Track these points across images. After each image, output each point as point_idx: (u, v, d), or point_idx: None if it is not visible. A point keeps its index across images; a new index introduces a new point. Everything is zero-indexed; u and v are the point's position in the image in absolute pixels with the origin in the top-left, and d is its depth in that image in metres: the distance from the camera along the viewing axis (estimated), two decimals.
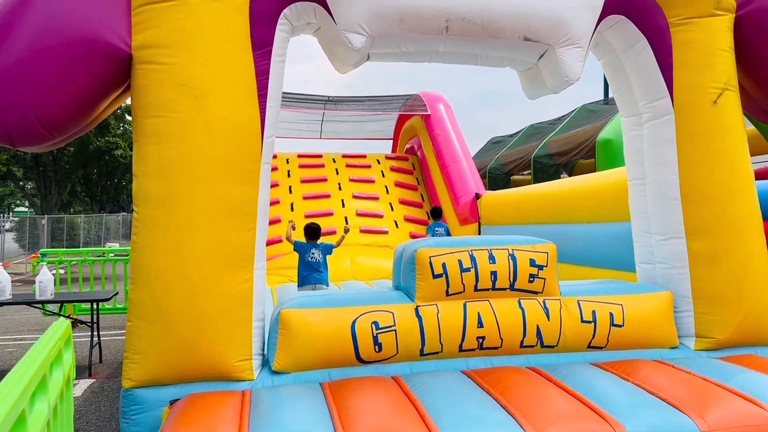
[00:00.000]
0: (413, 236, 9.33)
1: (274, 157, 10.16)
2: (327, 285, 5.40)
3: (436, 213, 8.63)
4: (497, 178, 13.24)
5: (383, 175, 10.51)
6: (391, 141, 12.98)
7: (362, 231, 9.33)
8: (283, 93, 10.78)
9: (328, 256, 5.53)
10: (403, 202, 10.04)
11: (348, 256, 8.33)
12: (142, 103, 3.36)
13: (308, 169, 10.23)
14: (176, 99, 3.33)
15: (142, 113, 3.36)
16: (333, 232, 9.02)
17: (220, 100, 3.38)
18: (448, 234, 8.38)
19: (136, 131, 3.34)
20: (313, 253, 5.39)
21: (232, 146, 3.41)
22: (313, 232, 5.55)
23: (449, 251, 3.67)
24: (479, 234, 8.59)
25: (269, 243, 8.57)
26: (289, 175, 10.06)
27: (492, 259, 3.70)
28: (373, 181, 10.34)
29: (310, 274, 5.36)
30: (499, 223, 8.03)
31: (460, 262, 3.64)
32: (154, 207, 3.30)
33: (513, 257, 3.71)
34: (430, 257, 3.62)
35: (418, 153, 11.33)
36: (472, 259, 3.67)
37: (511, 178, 13.43)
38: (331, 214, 9.34)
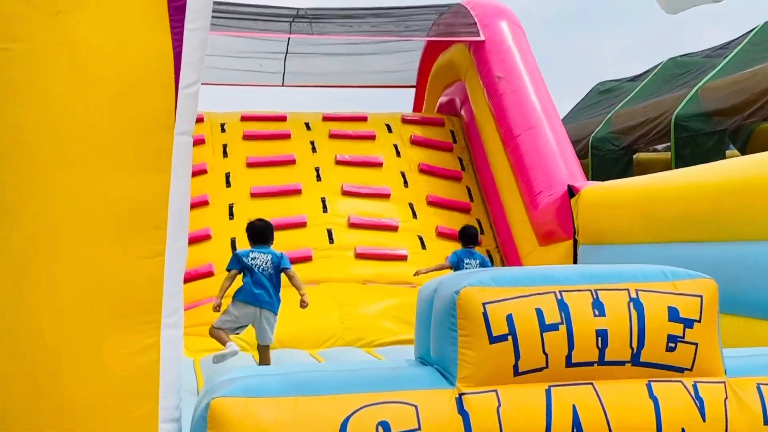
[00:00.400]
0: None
1: (199, 120, 10.23)
2: (275, 314, 6.09)
3: (468, 236, 8.34)
4: (608, 156, 13.17)
5: (398, 153, 10.52)
6: (413, 91, 13.01)
7: (360, 256, 9.33)
8: (217, 3, 10.87)
9: (285, 277, 6.14)
10: (434, 203, 10.05)
11: (335, 303, 8.36)
12: None
13: (261, 143, 10.28)
14: (20, 16, 3.37)
15: None
16: (306, 258, 9.06)
17: (99, 18, 3.43)
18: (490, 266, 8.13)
19: None
20: (254, 259, 6.03)
21: (121, 104, 3.46)
22: (258, 233, 6.13)
23: (520, 293, 3.68)
24: (575, 261, 8.55)
25: (190, 278, 8.58)
26: (226, 154, 10.12)
27: (599, 307, 3.69)
28: (380, 164, 10.36)
29: (251, 289, 5.97)
30: (612, 241, 7.97)
31: (539, 313, 3.65)
32: None
33: (637, 304, 3.70)
34: (484, 304, 3.63)
35: (463, 112, 11.34)
36: (562, 307, 3.67)
37: (635, 156, 13.37)
38: (302, 226, 9.37)
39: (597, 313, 3.69)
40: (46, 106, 3.40)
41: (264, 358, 6.41)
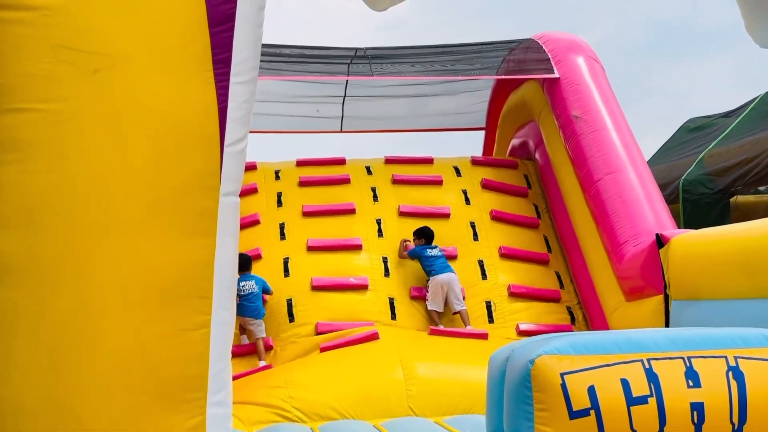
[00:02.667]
0: (526, 332, 9.17)
1: (251, 168, 10.34)
2: (260, 318, 8.53)
3: (427, 236, 9.65)
4: (702, 200, 12.94)
5: (467, 200, 10.44)
6: (482, 134, 13.01)
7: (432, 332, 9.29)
8: (269, 46, 11.02)
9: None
10: (508, 255, 9.94)
11: (398, 360, 8.29)
12: None
13: (318, 189, 10.33)
14: (55, 75, 3.46)
15: None
16: (370, 337, 8.95)
17: (139, 75, 3.50)
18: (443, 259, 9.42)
19: None
20: (243, 286, 8.33)
21: (161, 164, 3.52)
22: (241, 263, 7.37)
23: (602, 362, 3.63)
24: (666, 318, 8.36)
25: (241, 351, 8.61)
26: (280, 203, 10.18)
27: (693, 377, 3.61)
28: (446, 215, 10.30)
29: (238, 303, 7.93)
30: (709, 296, 7.77)
31: (625, 384, 3.58)
32: (13, 286, 3.39)
33: (737, 374, 3.62)
34: (562, 374, 3.59)
35: (537, 156, 11.28)
36: (651, 377, 3.60)
37: (732, 200, 13.11)
38: (363, 288, 9.31)
39: (691, 383, 3.63)
40: (82, 169, 3.45)
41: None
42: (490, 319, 9.42)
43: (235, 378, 8.22)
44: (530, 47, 11.22)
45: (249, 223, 9.77)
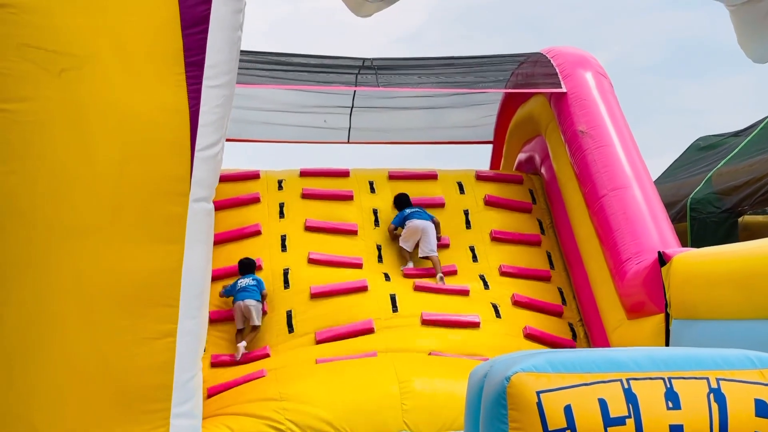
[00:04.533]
0: (533, 336, 9.06)
1: (255, 177, 10.30)
2: (258, 301, 8.46)
3: (401, 202, 9.99)
4: (709, 219, 12.81)
5: (468, 224, 10.30)
6: (489, 148, 12.93)
7: (426, 322, 9.14)
8: (276, 54, 10.96)
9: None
10: (509, 272, 9.82)
11: (394, 375, 8.18)
12: None
13: (321, 203, 10.23)
14: (20, 74, 3.41)
15: None
16: (368, 331, 8.90)
17: (106, 76, 3.46)
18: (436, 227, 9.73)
19: None
20: (243, 281, 8.50)
21: (128, 168, 3.47)
22: (244, 266, 8.56)
23: (580, 380, 3.58)
24: (667, 337, 8.25)
25: (221, 363, 8.55)
26: (282, 214, 10.07)
27: (673, 399, 3.54)
28: (446, 246, 10.21)
29: (238, 293, 8.34)
30: (710, 316, 7.62)
31: (603, 404, 3.52)
32: None
33: (718, 396, 3.54)
34: (538, 393, 3.54)
35: (543, 170, 11.15)
36: (630, 398, 3.54)
37: (740, 220, 12.99)
38: (363, 289, 9.24)
39: (671, 405, 3.56)
40: (45, 171, 3.41)
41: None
42: (497, 315, 9.34)
43: (229, 387, 8.27)
44: (539, 61, 11.15)
45: (251, 233, 9.75)
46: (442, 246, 10.20)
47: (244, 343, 8.36)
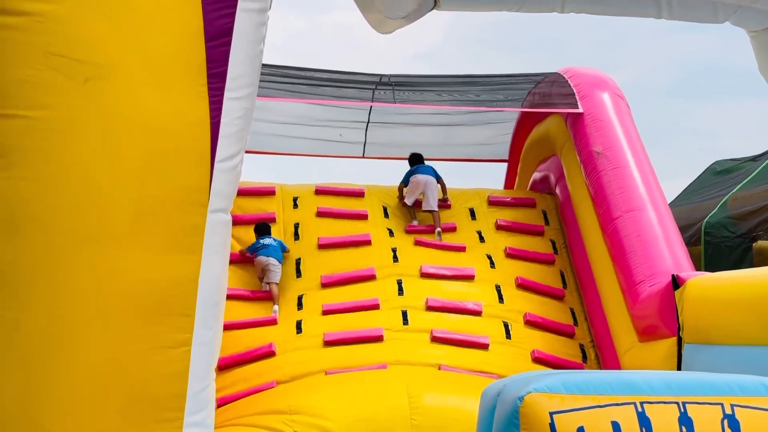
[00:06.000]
0: (541, 359, 9.03)
1: (270, 193, 10.31)
2: (280, 261, 9.29)
3: (414, 158, 11.03)
4: (723, 243, 12.76)
5: (481, 238, 10.34)
6: (504, 166, 12.93)
7: (436, 339, 9.14)
8: (294, 68, 10.99)
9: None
10: (524, 285, 9.80)
11: (404, 389, 8.17)
12: None
13: (335, 222, 10.22)
14: (46, 83, 3.43)
15: None
16: (377, 338, 8.90)
17: (130, 86, 3.47)
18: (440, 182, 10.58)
19: None
20: (264, 241, 9.29)
21: (148, 177, 3.48)
22: (261, 228, 9.47)
23: (594, 402, 3.55)
24: (679, 361, 8.21)
25: (251, 359, 8.54)
26: (297, 236, 10.09)
27: (686, 423, 3.51)
28: (462, 249, 10.20)
29: (261, 249, 9.18)
30: (722, 341, 7.59)
31: (615, 426, 3.50)
32: None
33: (733, 422, 3.50)
34: (551, 414, 3.52)
35: (558, 190, 11.15)
36: (644, 421, 3.51)
37: (755, 245, 12.92)
38: (375, 307, 9.23)
39: (684, 430, 3.53)
40: (66, 178, 3.42)
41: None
42: (508, 335, 9.31)
43: (238, 397, 8.25)
44: (556, 81, 11.16)
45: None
46: (458, 249, 10.25)
47: (276, 308, 9.15)
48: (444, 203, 10.62)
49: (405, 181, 10.60)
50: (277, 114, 11.95)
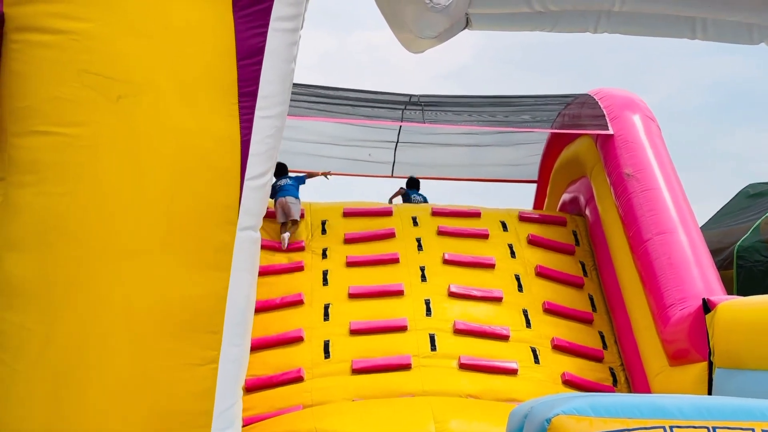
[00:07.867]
0: (572, 382, 8.96)
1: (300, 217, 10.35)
2: (296, 198, 9.93)
3: (412, 182, 11.73)
4: (756, 268, 12.64)
5: (513, 254, 10.25)
6: (534, 187, 12.89)
7: (464, 366, 9.09)
8: (325, 88, 11.04)
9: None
10: (552, 311, 9.75)
11: (431, 415, 8.12)
12: (16, 106, 3.50)
13: (363, 244, 10.22)
14: (80, 100, 3.46)
15: (13, 126, 3.49)
16: (405, 366, 8.87)
17: (162, 103, 3.49)
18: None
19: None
20: (280, 182, 9.82)
21: (179, 195, 3.50)
22: (278, 168, 9.34)
23: (622, 426, 3.48)
24: (710, 386, 8.10)
25: (279, 382, 8.52)
26: (325, 255, 10.08)
27: None
28: (491, 265, 10.15)
29: (278, 192, 9.72)
30: (754, 366, 7.50)
31: None
32: (21, 310, 3.37)
33: None
34: None
35: (587, 212, 11.09)
36: None
37: None
38: (402, 329, 9.21)
39: None
40: (98, 194, 3.44)
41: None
42: (536, 360, 9.23)
43: (263, 418, 8.23)
44: (586, 102, 11.11)
45: (295, 268, 9.84)
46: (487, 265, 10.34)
47: (287, 234, 9.65)
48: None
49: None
50: (307, 133, 12.00)
